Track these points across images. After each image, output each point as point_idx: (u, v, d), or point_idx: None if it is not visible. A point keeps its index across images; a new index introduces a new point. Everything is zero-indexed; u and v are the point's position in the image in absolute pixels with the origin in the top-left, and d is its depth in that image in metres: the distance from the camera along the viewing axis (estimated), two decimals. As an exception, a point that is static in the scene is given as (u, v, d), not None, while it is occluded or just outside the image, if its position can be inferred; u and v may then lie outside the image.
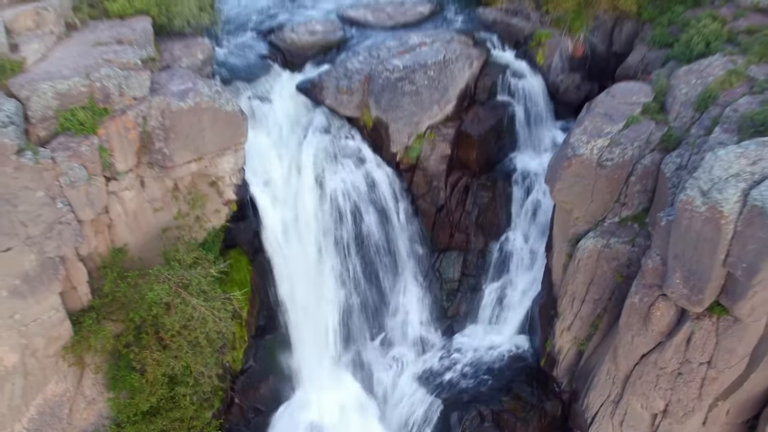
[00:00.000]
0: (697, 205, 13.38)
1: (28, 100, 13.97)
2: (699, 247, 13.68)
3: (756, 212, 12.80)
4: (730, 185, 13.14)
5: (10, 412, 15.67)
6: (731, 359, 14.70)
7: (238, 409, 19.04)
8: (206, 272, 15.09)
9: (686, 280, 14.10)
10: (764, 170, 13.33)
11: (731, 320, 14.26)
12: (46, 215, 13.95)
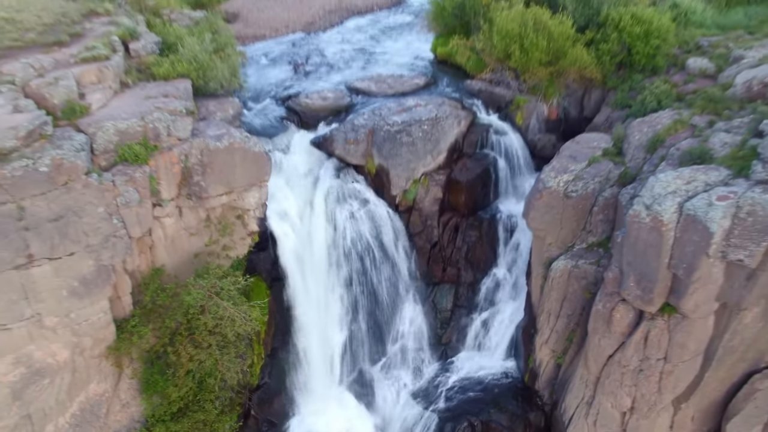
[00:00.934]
0: (642, 217, 16.26)
1: (94, 135, 17.19)
2: (647, 252, 16.44)
3: (690, 220, 15.67)
4: (668, 199, 16.08)
5: (56, 405, 17.90)
6: (684, 354, 17.06)
7: (253, 421, 21.09)
8: (235, 280, 17.78)
9: (638, 283, 16.75)
10: (696, 188, 16.32)
11: (680, 317, 16.76)
12: (104, 228, 16.83)
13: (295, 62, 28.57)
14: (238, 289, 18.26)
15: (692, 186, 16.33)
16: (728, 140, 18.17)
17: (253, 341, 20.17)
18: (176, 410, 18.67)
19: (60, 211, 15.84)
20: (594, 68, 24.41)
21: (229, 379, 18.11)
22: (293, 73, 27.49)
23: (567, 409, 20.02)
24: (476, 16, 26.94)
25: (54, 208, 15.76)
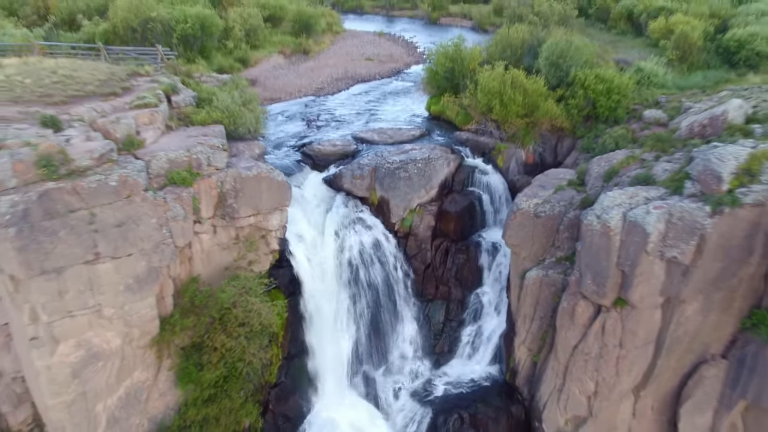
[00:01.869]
0: (594, 225, 20.08)
1: (149, 162, 21.20)
2: (599, 254, 20.16)
3: (632, 225, 19.48)
4: (614, 210, 19.95)
5: (106, 387, 21.08)
6: (635, 340, 20.44)
7: (271, 415, 24.09)
8: (261, 282, 21.39)
9: (594, 280, 20.38)
10: (638, 201, 20.21)
11: (630, 308, 20.27)
12: (156, 236, 20.57)
13: (308, 118, 33.02)
14: (262, 293, 21.80)
15: (635, 200, 20.23)
16: (668, 168, 22.19)
17: (272, 343, 23.48)
18: (207, 397, 21.79)
19: (122, 218, 19.61)
20: (563, 119, 28.77)
21: (254, 365, 21.34)
22: (306, 127, 31.85)
23: (541, 398, 23.12)
24: (464, 78, 31.62)
25: (118, 215, 19.55)
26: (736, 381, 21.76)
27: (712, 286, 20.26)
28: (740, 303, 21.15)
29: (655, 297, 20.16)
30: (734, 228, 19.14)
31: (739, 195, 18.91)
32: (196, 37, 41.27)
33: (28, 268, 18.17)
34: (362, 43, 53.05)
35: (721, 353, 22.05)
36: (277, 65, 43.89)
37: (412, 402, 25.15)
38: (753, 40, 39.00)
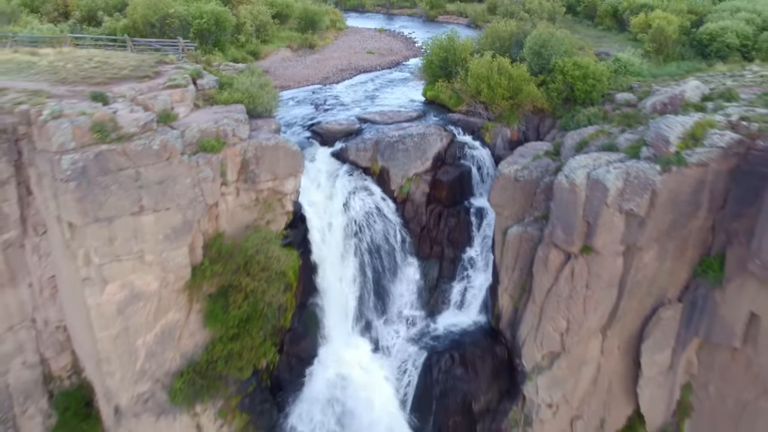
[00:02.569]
0: (563, 183, 23.58)
1: (183, 132, 24.70)
2: (568, 208, 23.65)
3: (594, 182, 22.97)
4: (580, 170, 23.44)
5: (145, 324, 24.55)
6: (600, 282, 23.90)
7: (285, 356, 27.57)
8: (280, 234, 24.89)
9: (564, 231, 23.87)
10: (600, 163, 23.69)
11: (594, 254, 23.74)
12: (190, 194, 24.03)
13: (316, 103, 36.54)
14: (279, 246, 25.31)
15: (598, 162, 23.75)
16: (630, 138, 25.69)
17: (287, 292, 26.95)
18: (231, 335, 25.25)
19: (163, 177, 23.09)
20: (544, 101, 32.27)
21: (273, 305, 24.82)
22: (315, 110, 35.34)
23: (521, 337, 26.58)
24: (456, 66, 35.15)
25: (159, 174, 23.03)
26: (690, 321, 25.27)
27: (666, 236, 23.74)
28: (692, 252, 24.65)
29: (616, 245, 23.61)
30: (681, 184, 22.63)
31: (685, 156, 22.40)
32: (211, 31, 44.74)
33: (85, 216, 21.65)
34: (364, 39, 56.66)
35: (677, 297, 25.52)
36: (286, 58, 47.44)
37: (409, 345, 28.60)
38: (724, 33, 42.48)
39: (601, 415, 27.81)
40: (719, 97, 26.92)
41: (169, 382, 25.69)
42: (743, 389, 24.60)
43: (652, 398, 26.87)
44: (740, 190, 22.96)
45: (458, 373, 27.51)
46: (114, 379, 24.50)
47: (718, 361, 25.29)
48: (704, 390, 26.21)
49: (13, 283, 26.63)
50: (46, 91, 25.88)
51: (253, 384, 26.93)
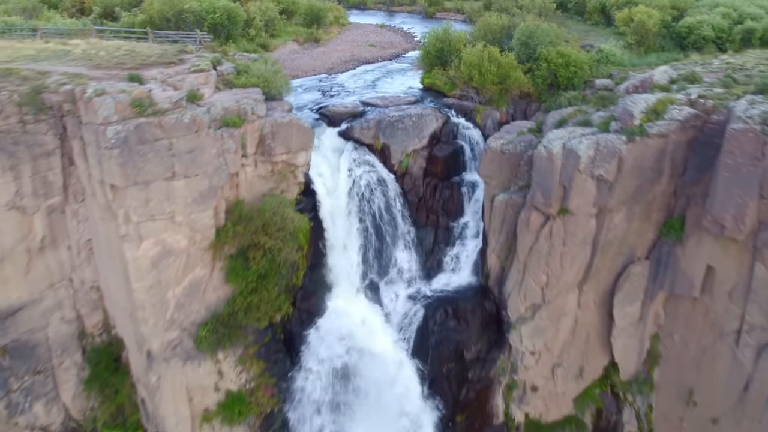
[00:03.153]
0: (542, 152, 26.93)
1: (209, 109, 28.01)
2: (546, 174, 26.99)
3: (569, 151, 26.32)
4: (557, 141, 26.80)
5: (175, 278, 27.88)
6: (575, 240, 27.24)
7: (297, 311, 30.93)
8: (294, 200, 28.24)
9: (543, 195, 27.22)
10: (574, 136, 27.06)
11: (570, 215, 27.08)
12: (215, 162, 27.34)
13: (323, 90, 39.89)
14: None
15: (572, 135, 27.11)
16: (603, 115, 29.03)
17: (299, 254, 30.26)
18: (251, 289, 28.57)
19: (192, 147, 26.40)
20: (530, 86, 35.63)
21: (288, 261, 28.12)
22: (322, 96, 38.67)
23: (507, 291, 29.91)
24: (450, 55, 38.50)
25: (189, 145, 26.33)
26: (656, 276, 28.61)
27: (633, 199, 27.10)
28: (656, 214, 28.00)
29: (589, 207, 26.95)
30: (644, 153, 25.98)
31: (647, 127, 25.76)
32: (223, 25, 48.02)
33: (126, 180, 25.02)
34: (366, 33, 60.07)
35: (645, 255, 28.86)
36: (293, 50, 50.82)
37: (408, 302, 31.95)
38: (700, 26, 45.82)
39: (580, 364, 31.13)
40: (684, 80, 30.25)
41: (195, 331, 29.02)
42: (703, 335, 27.94)
43: (625, 348, 30.20)
44: (697, 158, 26.28)
45: (451, 325, 30.87)
46: (147, 325, 27.83)
47: (681, 312, 28.63)
48: (670, 338, 29.55)
49: (55, 246, 29.97)
50: (85, 74, 29.24)
51: (268, 335, 30.29)
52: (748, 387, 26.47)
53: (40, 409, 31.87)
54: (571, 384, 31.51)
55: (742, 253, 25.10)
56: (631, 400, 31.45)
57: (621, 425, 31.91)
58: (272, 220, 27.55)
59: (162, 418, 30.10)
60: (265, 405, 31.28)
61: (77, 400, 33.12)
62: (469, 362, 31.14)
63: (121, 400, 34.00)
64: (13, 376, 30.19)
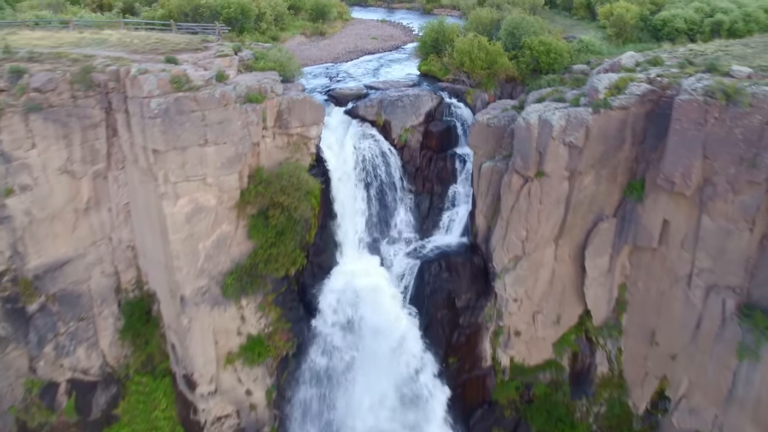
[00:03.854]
0: (521, 123, 31.36)
1: (235, 87, 32.38)
2: (525, 142, 31.41)
3: (544, 122, 30.73)
4: (534, 114, 31.20)
5: (205, 233, 32.24)
6: (550, 199, 31.61)
7: (309, 265, 35.36)
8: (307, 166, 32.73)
9: (522, 160, 31.63)
10: (549, 109, 31.50)
11: (545, 177, 31.46)
12: (240, 132, 31.70)
13: (330, 76, 44.32)
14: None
15: (547, 108, 31.51)
16: (575, 93, 33.37)
17: (312, 214, 34.63)
18: (270, 243, 32.95)
19: (221, 118, 30.78)
20: (515, 71, 40.07)
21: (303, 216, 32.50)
22: (329, 81, 43.10)
23: (492, 246, 34.31)
24: (444, 44, 42.96)
25: (219, 116, 30.70)
26: (622, 231, 33.00)
27: (599, 163, 31.51)
28: (621, 177, 32.40)
29: (562, 170, 31.34)
30: (608, 122, 30.38)
31: (610, 101, 30.18)
32: (237, 19, 52.40)
33: (167, 144, 29.42)
34: (367, 28, 64.52)
35: (612, 213, 33.27)
36: (301, 42, 55.27)
37: (407, 258, 36.34)
38: (674, 19, 50.19)
39: (557, 312, 35.55)
40: (647, 63, 34.63)
41: (222, 279, 33.45)
42: (661, 281, 32.35)
43: (596, 296, 34.62)
44: (655, 128, 30.68)
45: (444, 277, 35.30)
46: (182, 273, 32.24)
47: (643, 262, 33.03)
48: (635, 286, 33.95)
49: (98, 207, 34.46)
50: (125, 57, 33.65)
51: (285, 286, 34.74)
52: (700, 324, 30.88)
53: (81, 353, 36.31)
54: (550, 330, 35.92)
55: (691, 207, 29.51)
56: (602, 343, 35.81)
57: (594, 366, 36.28)
58: (290, 182, 31.93)
59: (191, 358, 34.48)
60: (282, 348, 35.74)
61: (113, 347, 37.55)
62: (460, 309, 35.59)
63: (151, 349, 38.43)
64: (61, 320, 34.64)
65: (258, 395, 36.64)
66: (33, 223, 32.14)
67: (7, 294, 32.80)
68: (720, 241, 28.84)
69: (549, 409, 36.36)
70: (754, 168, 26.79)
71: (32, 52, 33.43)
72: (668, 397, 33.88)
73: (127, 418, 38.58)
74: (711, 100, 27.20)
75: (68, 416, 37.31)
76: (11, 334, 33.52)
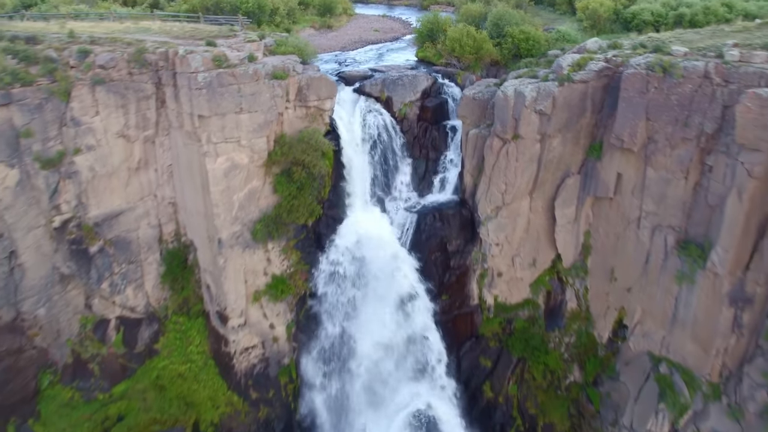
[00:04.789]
0: (500, 95, 38.06)
1: (264, 66, 39.07)
2: (503, 111, 38.10)
3: (518, 93, 37.38)
4: (510, 87, 37.91)
5: (239, 186, 38.80)
6: (524, 158, 38.27)
7: (324, 217, 42.04)
8: (324, 126, 39.44)
9: (501, 125, 38.31)
10: (523, 83, 38.23)
11: (520, 139, 38.16)
12: (268, 103, 38.30)
13: (339, 61, 51.04)
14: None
15: (522, 83, 38.21)
16: (546, 71, 40.10)
17: (325, 175, 41.29)
18: (293, 195, 39.63)
19: (253, 91, 37.40)
20: (498, 56, 46.84)
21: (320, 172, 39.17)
22: (338, 65, 49.82)
23: (478, 199, 40.91)
24: (438, 33, 49.73)
25: (251, 89, 37.31)
26: (585, 185, 39.67)
27: (565, 128, 38.19)
28: (584, 140, 39.09)
29: (534, 134, 38.00)
30: (571, 93, 37.04)
31: (572, 75, 36.89)
32: (254, 13, 59.10)
33: (210, 111, 36.03)
34: (370, 22, 71.28)
35: (577, 170, 39.97)
36: (311, 34, 61.97)
37: (406, 212, 43.06)
38: (642, 12, 56.89)
39: (533, 256, 42.27)
40: (608, 47, 41.35)
41: (252, 226, 40.05)
42: (617, 225, 39.02)
43: (565, 242, 41.32)
44: (611, 99, 37.32)
45: (438, 225, 42.00)
46: (219, 219, 38.85)
47: (603, 210, 39.69)
48: (597, 232, 40.64)
49: (146, 168, 41.01)
50: (170, 42, 40.24)
51: (304, 233, 41.40)
52: (648, 259, 37.54)
53: (130, 293, 42.87)
54: (527, 272, 42.64)
55: (638, 161, 36.18)
56: (572, 282, 42.49)
57: (565, 303, 42.95)
58: (309, 143, 38.59)
59: (225, 295, 41.11)
60: (300, 287, 42.43)
61: (155, 290, 44.12)
62: (451, 253, 42.31)
63: (187, 293, 45.03)
64: (115, 261, 41.21)
65: (280, 329, 43.29)
66: (95, 178, 38.64)
67: (73, 237, 39.31)
68: (662, 189, 35.48)
69: (527, 339, 43.04)
70: (687, 127, 33.44)
71: (92, 36, 40.07)
72: (626, 326, 40.42)
73: (166, 352, 45.09)
74: (651, 73, 33.90)
75: (116, 348, 43.81)
76: (75, 271, 40.02)
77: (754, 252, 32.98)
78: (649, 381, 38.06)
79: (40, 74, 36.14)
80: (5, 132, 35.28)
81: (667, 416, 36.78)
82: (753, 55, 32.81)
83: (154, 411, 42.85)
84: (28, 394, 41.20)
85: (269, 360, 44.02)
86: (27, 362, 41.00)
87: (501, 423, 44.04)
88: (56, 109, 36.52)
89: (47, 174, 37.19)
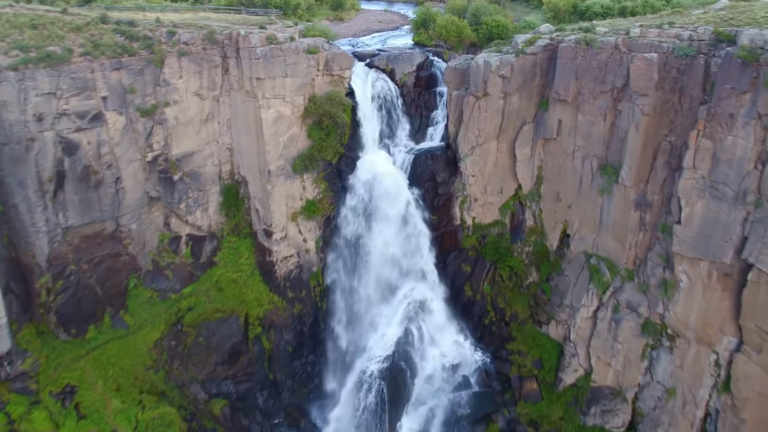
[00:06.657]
0: (473, 64, 52.43)
1: (301, 44, 53.53)
2: (476, 75, 52.29)
3: (485, 63, 51.82)
4: (481, 58, 52.38)
5: (283, 131, 53.27)
6: (491, 110, 52.51)
7: (344, 158, 56.37)
8: (344, 89, 53.93)
9: (474, 85, 52.57)
10: (490, 56, 52.78)
11: (489, 96, 52.46)
12: (305, 71, 52.29)
13: (352, 44, 65.54)
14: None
15: (489, 55, 52.71)
16: (507, 48, 54.62)
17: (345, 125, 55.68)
18: (322, 139, 54.05)
19: (294, 62, 51.51)
20: (476, 39, 61.43)
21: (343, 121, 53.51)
22: (352, 47, 64.27)
23: (458, 142, 55.21)
24: (430, 22, 64.31)
25: (293, 60, 51.39)
26: (536, 130, 53.95)
27: (521, 88, 52.55)
28: (536, 98, 53.40)
29: (498, 92, 52.27)
30: (525, 63, 51.40)
31: (525, 49, 51.34)
32: (281, 7, 73.57)
33: (265, 74, 50.36)
34: (374, 15, 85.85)
35: (531, 119, 54.41)
36: (327, 25, 76.47)
37: (405, 154, 57.45)
38: (594, 5, 71.46)
39: (500, 185, 56.57)
40: (556, 30, 55.90)
41: (292, 161, 54.27)
42: (559, 157, 53.33)
43: (523, 175, 55.66)
44: (553, 67, 51.80)
45: (429, 162, 56.30)
46: (269, 155, 53.08)
47: (550, 148, 53.96)
48: (547, 166, 54.93)
49: (212, 120, 55.26)
50: (231, 26, 54.64)
51: (330, 168, 55.69)
52: (581, 182, 51.90)
53: (198, 214, 57.07)
54: (496, 198, 57.00)
55: (572, 110, 50.54)
56: (530, 205, 56.65)
57: (525, 221, 57.17)
58: (334, 100, 52.97)
59: (271, 214, 55.37)
60: (327, 209, 56.80)
61: (215, 215, 58.35)
62: (439, 183, 56.61)
63: (238, 219, 59.25)
64: (190, 188, 55.39)
65: (310, 243, 57.68)
66: (177, 126, 52.87)
67: (161, 168, 53.50)
68: (588, 129, 49.82)
69: (497, 248, 57.39)
70: (603, 83, 47.79)
71: (172, 22, 54.40)
72: (569, 234, 54.76)
73: (223, 263, 59.25)
74: (578, 46, 48.35)
75: (186, 258, 57.97)
76: (162, 194, 54.21)
77: (651, 170, 47.25)
78: (584, 270, 52.47)
79: (140, 48, 50.31)
80: (117, 89, 49.40)
81: (595, 293, 51.19)
82: (649, 31, 47.18)
83: (216, 303, 56.98)
84: (120, 290, 54.92)
85: (302, 267, 58.38)
86: (122, 265, 54.81)
87: (479, 315, 58.46)
88: (152, 73, 50.65)
89: (145, 121, 51.32)
